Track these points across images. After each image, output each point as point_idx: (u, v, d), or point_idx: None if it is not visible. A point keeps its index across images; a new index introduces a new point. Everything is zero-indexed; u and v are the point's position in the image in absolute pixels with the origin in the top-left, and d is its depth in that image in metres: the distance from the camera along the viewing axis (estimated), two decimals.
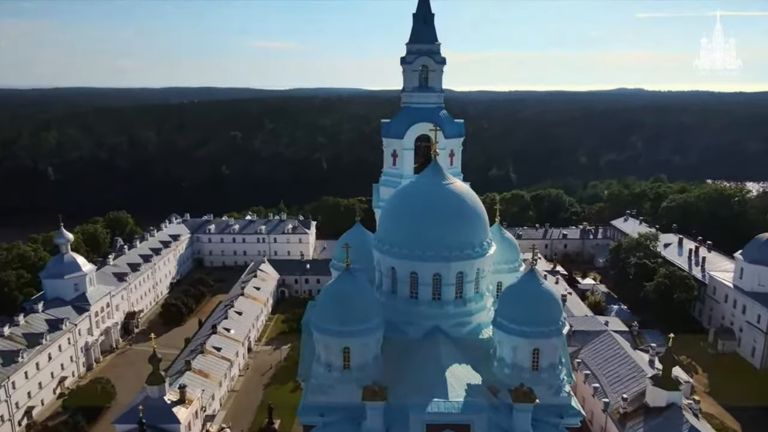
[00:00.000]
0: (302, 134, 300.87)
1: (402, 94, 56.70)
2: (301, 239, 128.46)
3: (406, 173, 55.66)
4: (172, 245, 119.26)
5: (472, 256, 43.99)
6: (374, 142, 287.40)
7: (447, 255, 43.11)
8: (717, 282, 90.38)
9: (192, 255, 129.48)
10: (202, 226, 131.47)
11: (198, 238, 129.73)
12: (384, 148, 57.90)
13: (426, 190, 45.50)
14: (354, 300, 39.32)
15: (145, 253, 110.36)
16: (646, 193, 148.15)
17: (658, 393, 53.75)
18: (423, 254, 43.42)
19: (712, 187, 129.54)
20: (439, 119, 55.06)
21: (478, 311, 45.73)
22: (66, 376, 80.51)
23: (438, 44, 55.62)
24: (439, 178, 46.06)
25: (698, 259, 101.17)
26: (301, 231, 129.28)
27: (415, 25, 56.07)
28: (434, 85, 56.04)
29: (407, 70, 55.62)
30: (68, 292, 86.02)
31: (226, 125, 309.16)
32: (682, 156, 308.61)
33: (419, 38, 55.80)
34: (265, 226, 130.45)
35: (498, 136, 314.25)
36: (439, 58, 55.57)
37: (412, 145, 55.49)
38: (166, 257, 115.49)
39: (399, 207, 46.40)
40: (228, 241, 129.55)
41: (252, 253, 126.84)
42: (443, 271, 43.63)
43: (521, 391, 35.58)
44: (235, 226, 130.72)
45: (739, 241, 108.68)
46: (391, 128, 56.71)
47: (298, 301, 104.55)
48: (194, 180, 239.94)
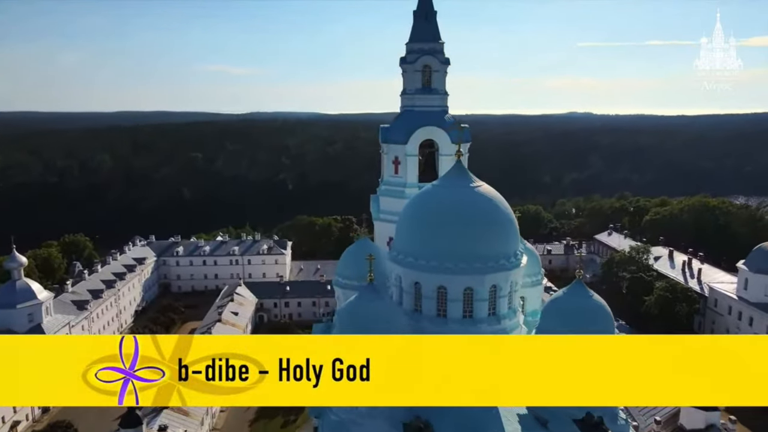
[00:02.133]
0: (265, 155, 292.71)
1: (402, 96, 52.18)
2: (277, 260, 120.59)
3: (409, 181, 50.77)
4: (137, 269, 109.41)
5: (506, 267, 38.36)
6: (340, 163, 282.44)
7: (481, 266, 37.27)
8: (719, 294, 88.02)
9: (158, 280, 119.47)
10: (169, 248, 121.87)
11: (165, 261, 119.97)
12: (383, 155, 52.85)
13: (452, 194, 39.81)
14: (381, 320, 33.17)
15: (107, 279, 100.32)
16: (625, 207, 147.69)
17: (694, 414, 49.10)
18: (454, 266, 37.38)
19: (696, 199, 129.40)
20: (444, 123, 50.77)
21: (512, 329, 40.06)
22: (19, 421, 70.20)
23: (441, 43, 51.48)
24: (465, 181, 40.63)
25: (692, 271, 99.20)
26: (277, 252, 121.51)
27: (416, 23, 51.88)
28: (438, 86, 51.78)
29: (408, 70, 51.16)
30: (21, 322, 75.81)
31: (184, 147, 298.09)
32: (639, 174, 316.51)
33: (421, 36, 51.50)
34: (238, 247, 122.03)
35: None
36: (442, 58, 51.35)
37: (416, 150, 50.65)
38: (130, 282, 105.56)
39: (422, 214, 40.43)
40: (198, 264, 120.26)
41: (224, 276, 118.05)
42: (476, 285, 37.69)
43: (591, 422, 29.95)
44: (205, 248, 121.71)
45: (726, 252, 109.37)
46: (392, 133, 51.68)
47: (278, 326, 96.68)
48: (153, 202, 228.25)
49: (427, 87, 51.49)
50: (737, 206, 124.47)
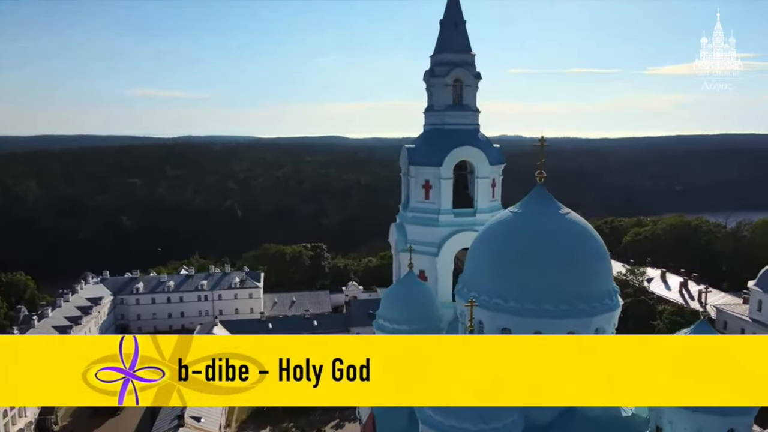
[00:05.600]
0: (211, 181, 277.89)
1: (428, 114, 46.72)
2: (251, 294, 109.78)
3: (444, 207, 44.79)
4: (93, 311, 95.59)
5: (611, 306, 33.07)
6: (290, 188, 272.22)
7: (586, 308, 31.60)
8: (728, 316, 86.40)
9: (115, 321, 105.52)
10: (127, 285, 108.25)
11: (122, 300, 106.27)
12: (410, 179, 46.63)
13: (543, 224, 33.83)
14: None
15: (60, 324, 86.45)
16: (601, 228, 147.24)
17: None
18: (555, 309, 31.34)
19: (675, 218, 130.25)
20: (479, 142, 45.36)
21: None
22: None
23: (473, 55, 46.37)
24: (553, 207, 34.94)
25: (690, 293, 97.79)
26: (251, 285, 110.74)
27: (444, 33, 46.56)
28: (469, 102, 46.60)
29: (437, 84, 45.75)
30: None
31: (121, 173, 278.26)
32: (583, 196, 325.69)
33: (450, 47, 46.12)
34: (206, 281, 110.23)
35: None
36: (474, 72, 46.22)
37: (450, 173, 44.78)
38: (86, 327, 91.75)
39: (510, 248, 33.87)
40: (161, 302, 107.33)
41: (191, 313, 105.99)
42: (581, 330, 31.74)
43: None
44: (169, 283, 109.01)
45: (712, 272, 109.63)
46: (422, 154, 45.66)
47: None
48: (90, 233, 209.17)
49: (458, 103, 46.05)
50: (714, 224, 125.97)
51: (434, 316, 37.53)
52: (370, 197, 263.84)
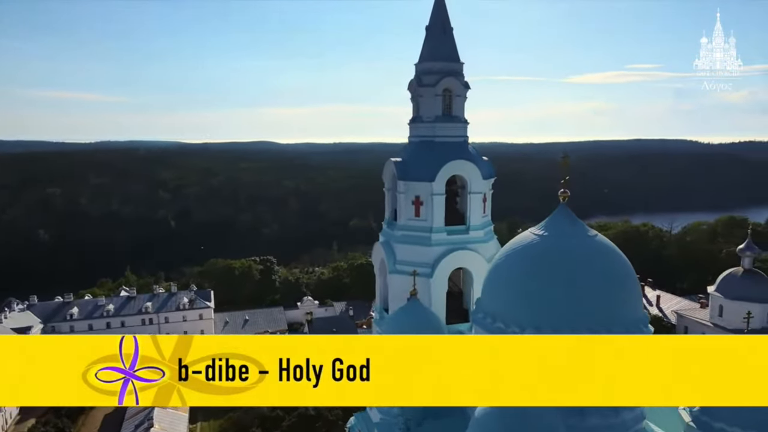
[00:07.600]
0: (139, 189, 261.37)
1: (414, 125, 42.75)
2: (202, 315, 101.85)
3: (436, 225, 41.14)
4: None
5: (645, 334, 31.20)
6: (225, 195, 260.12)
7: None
8: (689, 321, 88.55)
9: None
10: (59, 310, 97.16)
11: (54, 328, 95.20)
12: (398, 195, 42.55)
13: (573, 247, 31.05)
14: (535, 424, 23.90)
15: None
16: None
17: None
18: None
19: (623, 224, 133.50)
20: (472, 156, 42.39)
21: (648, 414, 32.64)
22: None
23: (462, 63, 43.11)
24: (580, 228, 32.28)
25: (648, 299, 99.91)
26: (201, 305, 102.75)
27: (431, 39, 42.63)
28: (459, 113, 43.05)
29: (425, 95, 41.80)
30: None
31: (36, 182, 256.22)
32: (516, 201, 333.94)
33: (439, 54, 42.37)
34: (151, 303, 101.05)
35: (349, 188, 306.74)
36: (464, 81, 42.95)
37: (443, 189, 41.43)
38: None
39: (538, 273, 31.03)
40: (100, 328, 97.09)
41: None
42: None
43: None
44: (108, 307, 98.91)
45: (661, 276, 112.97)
46: (413, 168, 41.75)
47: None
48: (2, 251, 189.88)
49: (447, 114, 42.74)
50: (659, 230, 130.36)
51: None
52: (308, 205, 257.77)
